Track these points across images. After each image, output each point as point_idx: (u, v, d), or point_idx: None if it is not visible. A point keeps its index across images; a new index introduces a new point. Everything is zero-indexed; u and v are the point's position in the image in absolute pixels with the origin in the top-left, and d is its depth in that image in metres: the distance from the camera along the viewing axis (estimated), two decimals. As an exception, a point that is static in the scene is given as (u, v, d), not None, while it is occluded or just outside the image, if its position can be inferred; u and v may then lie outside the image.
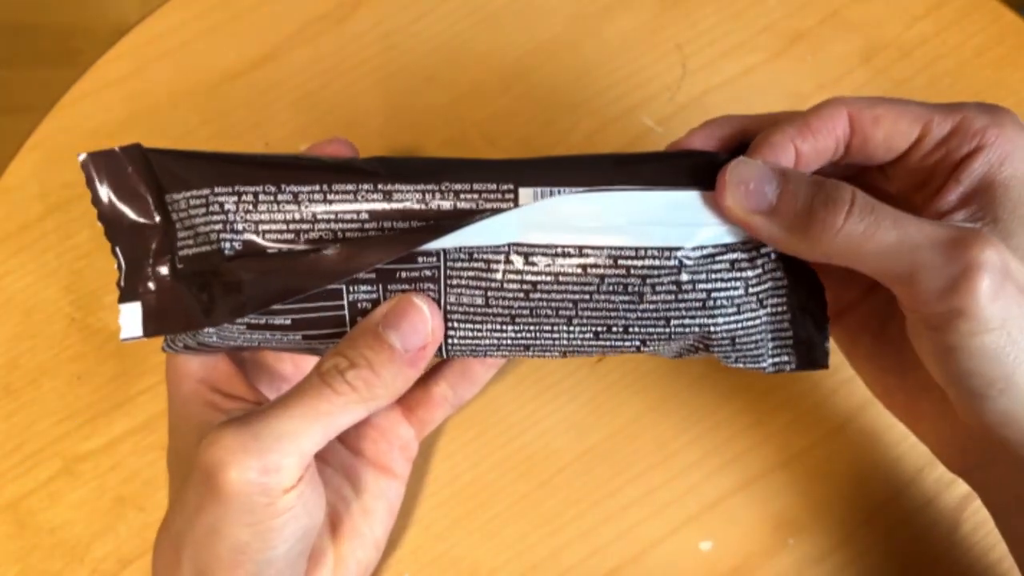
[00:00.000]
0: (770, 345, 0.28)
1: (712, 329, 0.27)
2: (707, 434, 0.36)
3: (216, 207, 0.27)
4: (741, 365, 0.28)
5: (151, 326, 0.28)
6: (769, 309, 0.28)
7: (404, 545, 0.35)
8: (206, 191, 0.27)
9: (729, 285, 0.27)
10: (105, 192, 0.28)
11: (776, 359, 0.29)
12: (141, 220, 0.28)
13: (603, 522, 0.35)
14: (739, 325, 0.28)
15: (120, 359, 0.37)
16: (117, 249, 0.28)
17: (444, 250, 0.27)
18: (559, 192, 0.27)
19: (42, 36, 1.05)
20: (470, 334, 0.28)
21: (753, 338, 0.28)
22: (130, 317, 0.28)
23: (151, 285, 0.28)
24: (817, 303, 0.28)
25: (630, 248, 0.27)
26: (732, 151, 0.28)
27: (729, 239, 0.27)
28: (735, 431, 0.36)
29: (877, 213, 0.25)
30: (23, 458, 0.36)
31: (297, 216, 0.27)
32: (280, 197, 0.27)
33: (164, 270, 0.28)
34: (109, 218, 0.28)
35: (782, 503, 0.35)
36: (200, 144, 0.40)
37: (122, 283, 0.28)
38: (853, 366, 0.32)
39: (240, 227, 0.27)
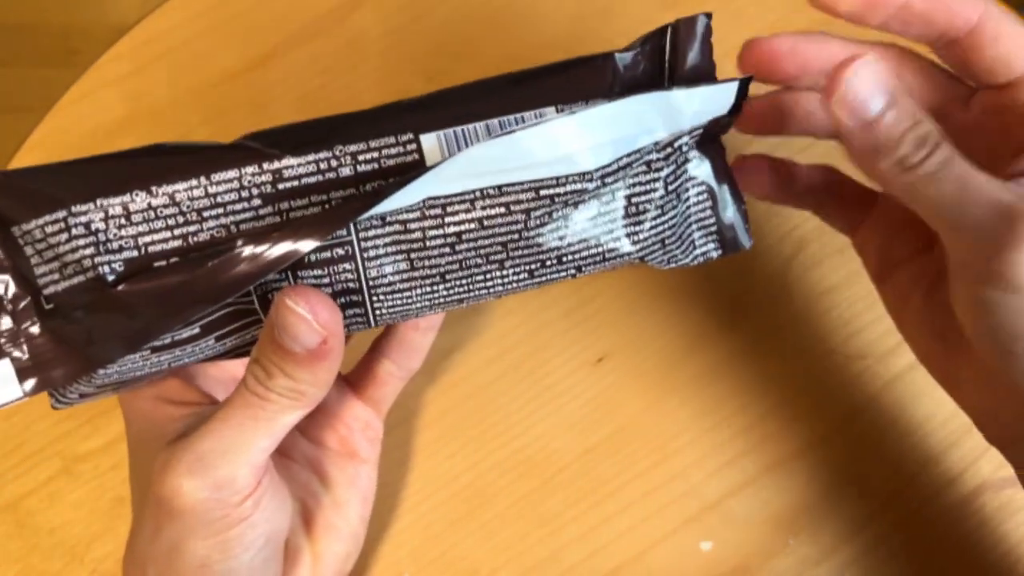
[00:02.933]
0: (695, 236, 0.28)
1: (640, 237, 0.26)
2: (707, 434, 0.36)
3: (80, 229, 0.23)
4: (673, 266, 0.27)
5: (32, 383, 0.24)
6: (687, 201, 0.27)
7: (404, 545, 0.35)
8: (62, 213, 0.23)
9: (648, 188, 0.26)
10: None
11: (703, 249, 0.28)
12: None
13: (603, 522, 0.35)
14: (665, 225, 0.27)
15: (120, 359, 0.37)
16: None
17: (354, 221, 0.24)
18: (464, 133, 0.25)
19: (42, 36, 1.05)
20: (399, 302, 0.25)
21: (678, 234, 0.27)
22: (1, 381, 0.23)
23: (17, 338, 0.24)
24: (732, 183, 0.28)
25: (551, 178, 0.25)
26: (656, 52, 0.27)
27: (642, 143, 0.25)
28: (735, 431, 0.36)
29: (949, 162, 0.24)
30: (23, 458, 0.36)
31: (180, 219, 0.24)
32: (154, 201, 0.23)
33: (28, 317, 0.24)
34: None
35: (782, 503, 0.35)
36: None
37: None
38: (900, 328, 0.31)
39: (116, 245, 0.23)
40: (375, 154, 0.25)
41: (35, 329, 0.24)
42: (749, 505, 0.35)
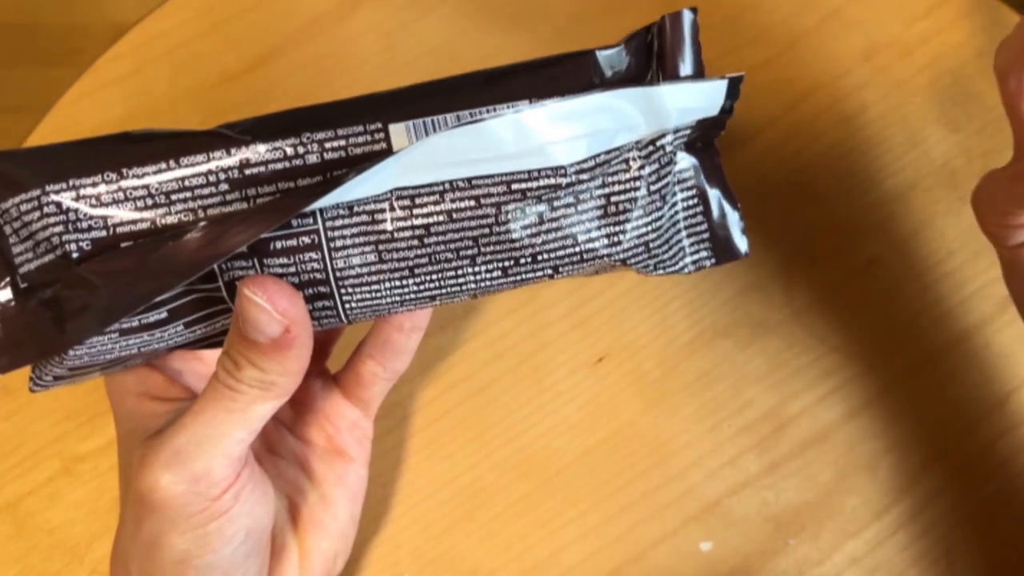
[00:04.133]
0: (686, 243, 0.27)
1: (621, 238, 0.26)
2: (707, 434, 0.36)
3: (52, 207, 0.24)
4: (661, 272, 0.27)
5: (3, 359, 0.24)
6: (675, 204, 0.27)
7: (404, 545, 0.35)
8: (36, 192, 0.24)
9: (628, 187, 0.25)
10: None
11: (695, 256, 0.27)
12: None
13: (603, 523, 0.35)
14: (649, 228, 0.26)
15: (120, 359, 0.37)
16: None
17: (320, 210, 0.24)
18: (433, 123, 0.25)
19: (42, 36, 1.05)
20: (368, 296, 0.25)
21: (665, 239, 0.26)
22: None
23: None
24: (726, 187, 0.27)
25: (522, 172, 0.24)
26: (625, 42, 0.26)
27: (621, 140, 0.25)
28: (735, 431, 0.36)
29: None
30: (22, 458, 0.36)
31: (149, 201, 0.24)
32: (124, 183, 0.24)
33: (5, 293, 0.24)
34: None
35: (782, 503, 0.35)
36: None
37: None
38: None
39: (85, 224, 0.24)
40: (342, 142, 0.25)
41: (10, 308, 0.24)
42: (749, 505, 0.35)
